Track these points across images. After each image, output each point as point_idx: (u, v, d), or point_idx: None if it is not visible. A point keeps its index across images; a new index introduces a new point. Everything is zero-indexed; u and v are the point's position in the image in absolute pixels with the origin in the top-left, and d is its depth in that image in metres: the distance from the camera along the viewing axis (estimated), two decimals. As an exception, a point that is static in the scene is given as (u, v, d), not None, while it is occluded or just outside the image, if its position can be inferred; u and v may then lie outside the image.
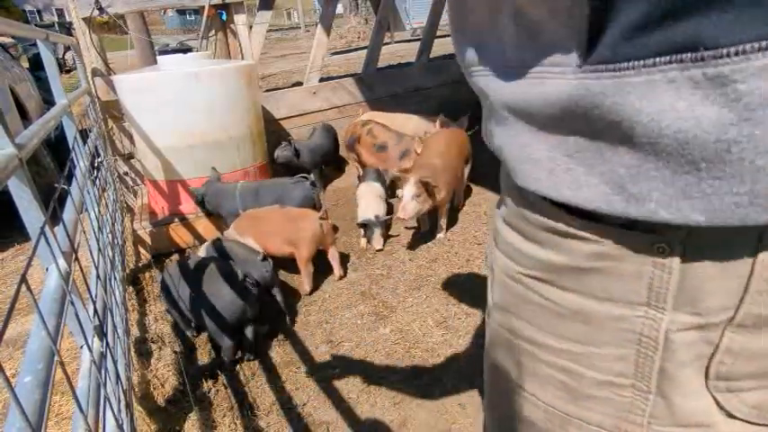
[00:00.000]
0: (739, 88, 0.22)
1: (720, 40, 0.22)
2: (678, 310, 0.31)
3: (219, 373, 1.52)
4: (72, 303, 0.75)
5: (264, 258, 1.70)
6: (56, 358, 0.60)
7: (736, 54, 0.21)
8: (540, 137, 0.32)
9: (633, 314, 0.33)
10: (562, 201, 0.32)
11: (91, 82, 2.48)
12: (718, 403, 0.34)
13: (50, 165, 2.81)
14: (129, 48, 3.83)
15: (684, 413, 0.34)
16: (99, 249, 1.19)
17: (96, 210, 1.30)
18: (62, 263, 0.76)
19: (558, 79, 0.28)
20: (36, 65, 5.16)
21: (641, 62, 0.24)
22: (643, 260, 0.31)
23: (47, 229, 0.74)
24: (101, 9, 2.39)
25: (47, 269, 0.77)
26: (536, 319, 0.39)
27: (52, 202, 0.79)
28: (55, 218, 0.82)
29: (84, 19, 2.45)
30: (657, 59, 0.23)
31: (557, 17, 0.27)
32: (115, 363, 1.01)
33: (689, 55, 0.22)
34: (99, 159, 1.92)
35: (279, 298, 1.75)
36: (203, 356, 1.63)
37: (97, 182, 1.62)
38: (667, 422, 0.35)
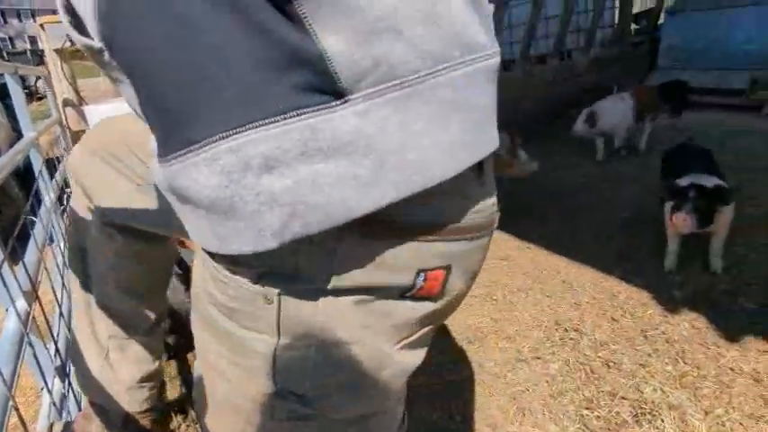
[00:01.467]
0: (219, 167, 0.36)
1: (169, 147, 0.38)
2: (283, 335, 0.44)
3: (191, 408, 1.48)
4: (31, 345, 0.73)
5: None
6: (10, 404, 0.59)
7: (180, 156, 0.37)
8: (199, 213, 0.41)
9: (259, 337, 0.45)
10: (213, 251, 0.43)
11: (62, 112, 2.45)
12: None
13: (18, 195, 2.74)
14: (101, 75, 3.80)
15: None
16: (63, 286, 1.16)
17: (62, 244, 1.27)
18: (21, 303, 0.75)
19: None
20: (4, 93, 5.06)
21: (174, 155, 0.37)
22: (259, 305, 0.44)
23: (6, 268, 0.73)
24: (72, 42, 2.39)
25: (6, 310, 0.75)
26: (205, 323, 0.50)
27: (11, 241, 0.77)
28: (16, 254, 0.81)
29: (55, 50, 2.44)
30: (185, 151, 0.36)
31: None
32: (78, 404, 0.98)
33: (190, 148, 0.36)
34: (69, 190, 1.89)
35: None
36: (173, 392, 1.59)
37: (65, 215, 1.59)
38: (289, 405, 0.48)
